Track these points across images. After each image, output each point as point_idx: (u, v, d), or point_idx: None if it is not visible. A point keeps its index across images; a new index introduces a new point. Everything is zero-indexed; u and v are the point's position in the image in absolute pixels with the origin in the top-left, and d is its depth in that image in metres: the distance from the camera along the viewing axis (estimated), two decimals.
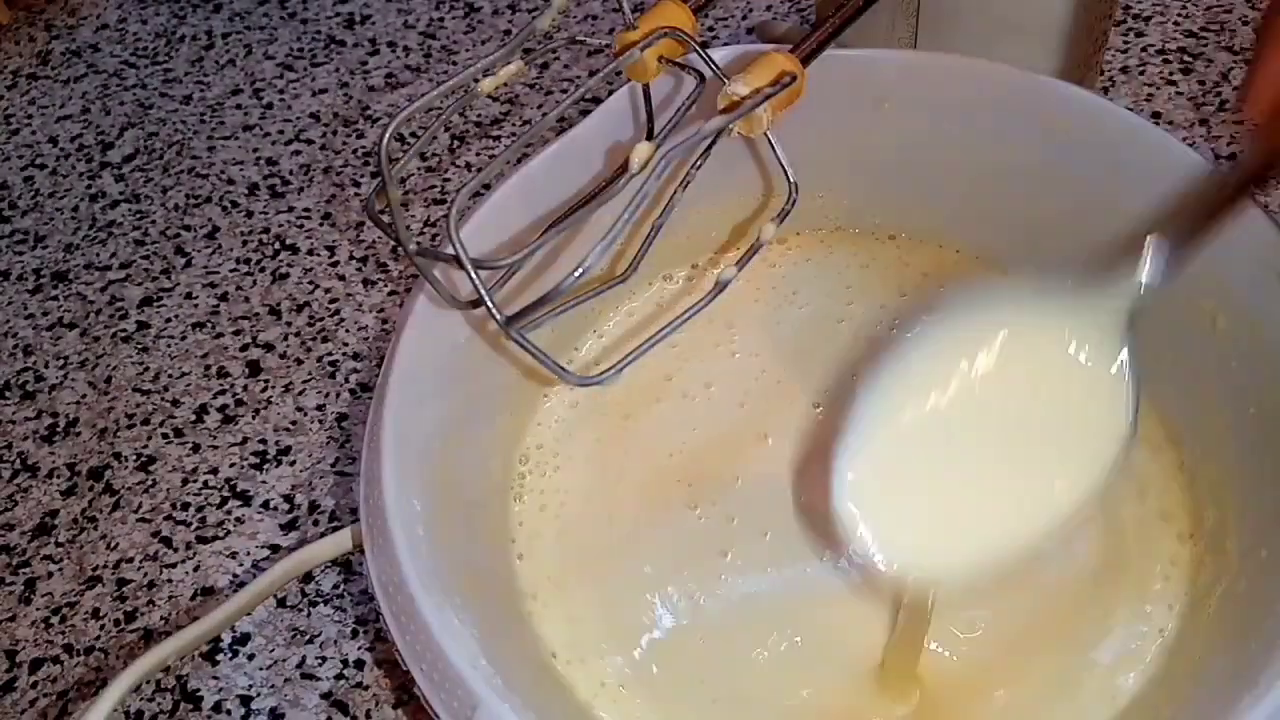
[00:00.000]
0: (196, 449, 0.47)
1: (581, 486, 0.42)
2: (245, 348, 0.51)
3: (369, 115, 0.61)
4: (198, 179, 0.59)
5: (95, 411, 0.49)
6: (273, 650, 0.41)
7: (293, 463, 0.46)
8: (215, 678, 0.41)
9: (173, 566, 0.44)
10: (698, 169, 0.37)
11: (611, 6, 0.64)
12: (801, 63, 0.35)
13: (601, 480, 0.42)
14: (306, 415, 0.48)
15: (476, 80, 0.35)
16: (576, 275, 0.30)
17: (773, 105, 0.34)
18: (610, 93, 0.41)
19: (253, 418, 0.48)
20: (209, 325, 0.52)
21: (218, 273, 0.54)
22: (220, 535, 0.45)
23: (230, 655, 0.41)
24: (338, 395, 0.48)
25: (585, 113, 0.41)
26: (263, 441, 0.47)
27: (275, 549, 0.44)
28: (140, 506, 0.46)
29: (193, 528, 0.45)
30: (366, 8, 0.68)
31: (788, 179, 0.36)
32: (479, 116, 0.59)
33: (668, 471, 0.42)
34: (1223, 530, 0.37)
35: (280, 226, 0.56)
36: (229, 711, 0.40)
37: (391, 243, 0.54)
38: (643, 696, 0.36)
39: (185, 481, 0.46)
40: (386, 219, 0.34)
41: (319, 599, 0.42)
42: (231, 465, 0.47)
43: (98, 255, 0.56)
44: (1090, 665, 0.36)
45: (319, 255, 0.54)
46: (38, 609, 0.43)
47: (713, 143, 0.35)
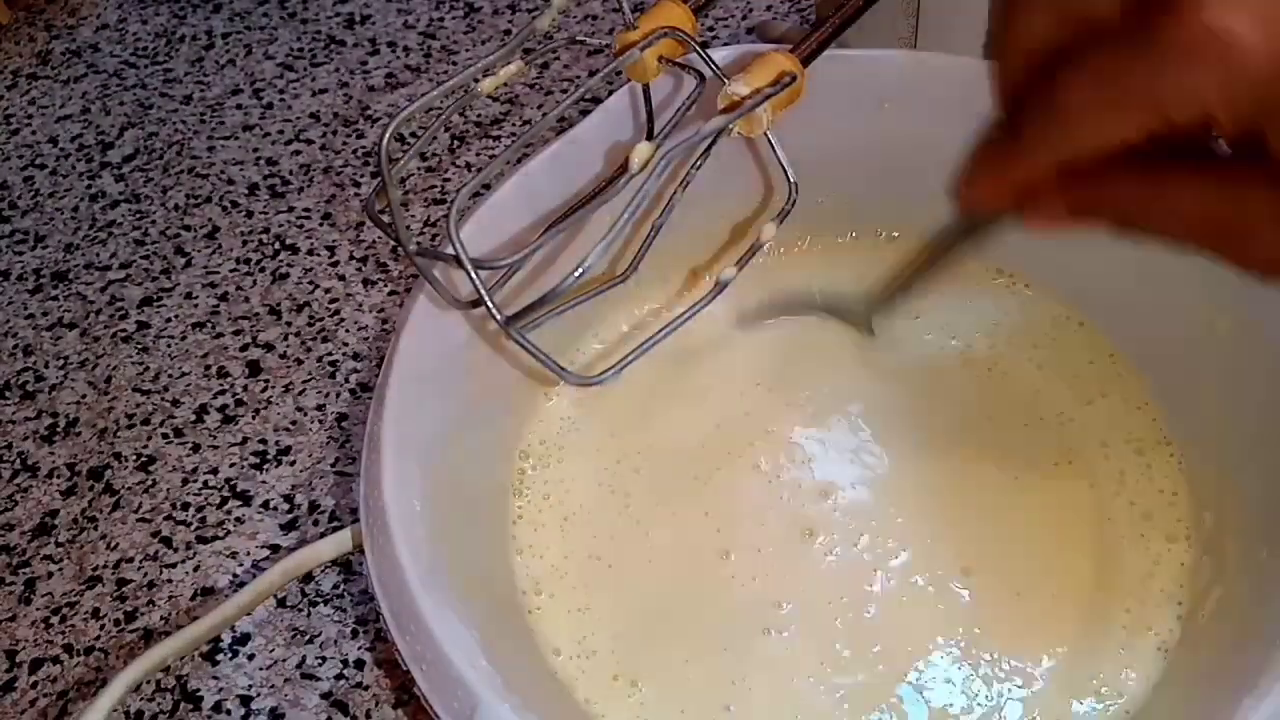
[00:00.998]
0: (196, 449, 0.47)
1: (582, 486, 0.42)
2: (245, 348, 0.51)
3: (369, 115, 0.61)
4: (198, 179, 0.59)
5: (95, 411, 0.49)
6: (273, 650, 0.41)
7: (293, 463, 0.46)
8: (215, 678, 0.41)
9: (173, 566, 0.44)
10: (698, 169, 0.37)
11: (611, 6, 0.64)
12: (801, 63, 0.36)
13: (602, 480, 0.42)
14: (306, 415, 0.48)
15: (476, 80, 0.35)
16: (576, 275, 0.30)
17: (773, 105, 0.34)
18: (610, 93, 0.41)
19: (253, 418, 0.48)
20: (209, 325, 0.52)
21: (218, 273, 0.54)
22: (220, 535, 0.45)
23: (230, 655, 0.41)
24: (338, 395, 0.48)
25: (585, 113, 0.41)
26: (263, 441, 0.47)
27: (275, 549, 0.44)
28: (140, 506, 0.46)
29: (193, 528, 0.45)
30: (366, 8, 0.68)
31: (788, 179, 0.36)
32: (479, 116, 0.59)
33: (668, 471, 0.42)
34: (1222, 531, 0.37)
35: (280, 226, 0.56)
36: (229, 711, 0.40)
37: (391, 243, 0.54)
38: (644, 695, 0.37)
39: (185, 481, 0.46)
40: (386, 219, 0.34)
41: (319, 599, 0.42)
42: (231, 465, 0.47)
43: (98, 255, 0.56)
44: (1090, 667, 0.36)
45: (319, 255, 0.54)
46: (38, 609, 0.43)
47: (713, 143, 0.35)
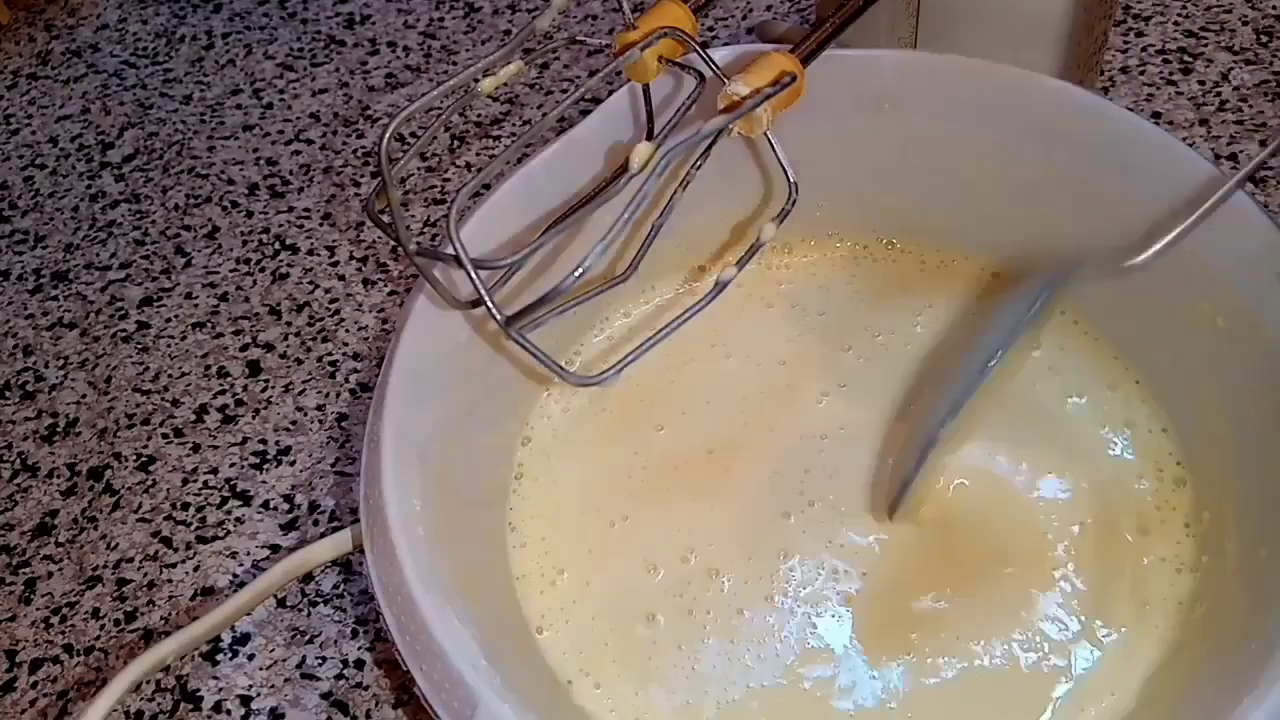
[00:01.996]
0: (196, 449, 0.47)
1: (582, 486, 0.42)
2: (245, 348, 0.51)
3: (369, 115, 0.61)
4: (198, 179, 0.59)
5: (95, 411, 0.49)
6: (273, 650, 0.41)
7: (293, 463, 0.46)
8: (215, 678, 0.41)
9: (173, 566, 0.44)
10: (698, 169, 0.37)
11: (611, 6, 0.64)
12: (801, 63, 0.36)
13: (602, 479, 0.42)
14: (306, 415, 0.48)
15: (476, 80, 0.35)
16: (576, 275, 0.30)
17: (773, 105, 0.34)
18: (610, 93, 0.41)
19: (253, 418, 0.48)
20: (209, 325, 0.52)
21: (218, 273, 0.54)
22: (220, 535, 0.45)
23: (230, 655, 0.41)
24: (338, 395, 0.48)
25: (585, 113, 0.41)
26: (263, 441, 0.47)
27: (275, 549, 0.44)
28: (140, 506, 0.46)
29: (193, 528, 0.45)
30: (366, 8, 0.68)
31: (788, 179, 0.36)
32: (479, 116, 0.59)
33: (668, 470, 0.42)
34: (1222, 530, 0.37)
35: (280, 226, 0.56)
36: (229, 711, 0.40)
37: (391, 243, 0.54)
38: (646, 694, 0.37)
39: (185, 481, 0.46)
40: (386, 219, 0.34)
41: (319, 599, 0.42)
42: (231, 465, 0.47)
43: (98, 255, 0.56)
44: (1089, 666, 0.36)
45: (319, 255, 0.54)
46: (38, 609, 0.43)
47: (713, 143, 0.35)
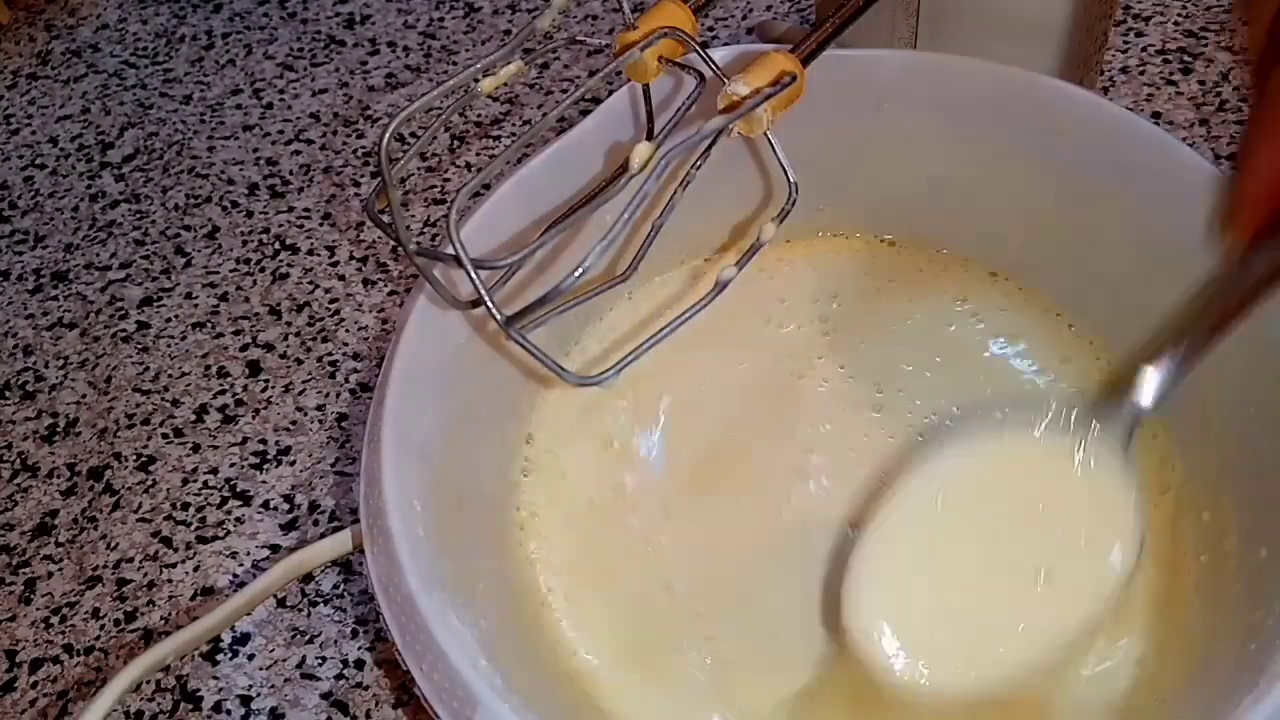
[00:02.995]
0: (196, 449, 0.47)
1: (582, 486, 0.42)
2: (245, 348, 0.51)
3: (369, 115, 0.61)
4: (198, 179, 0.59)
5: (95, 411, 0.49)
6: (273, 650, 0.41)
7: (293, 463, 0.46)
8: (215, 678, 0.41)
9: (173, 566, 0.44)
10: (698, 169, 0.37)
11: (611, 6, 0.64)
12: (801, 63, 0.36)
13: (602, 480, 0.42)
14: (306, 415, 0.48)
15: (476, 80, 0.35)
16: (576, 275, 0.30)
17: (773, 105, 0.34)
18: (610, 93, 0.41)
19: (253, 418, 0.48)
20: (209, 325, 0.52)
21: (218, 273, 0.54)
22: (220, 535, 0.45)
23: (230, 655, 0.41)
24: (338, 395, 0.48)
25: (585, 113, 0.41)
26: (263, 441, 0.47)
27: (275, 549, 0.44)
28: (140, 506, 0.46)
29: (193, 528, 0.45)
30: (366, 8, 0.68)
31: (788, 179, 0.36)
32: (479, 116, 0.59)
33: (669, 471, 0.42)
34: (1221, 531, 0.37)
35: (280, 226, 0.56)
36: (229, 711, 0.40)
37: (391, 243, 0.54)
38: (648, 693, 0.36)
39: (185, 481, 0.46)
40: (386, 219, 0.34)
41: (319, 599, 0.42)
42: (231, 465, 0.47)
43: (98, 255, 0.56)
44: (1088, 667, 0.36)
45: (319, 255, 0.54)
46: (38, 609, 0.43)
47: (713, 143, 0.35)
